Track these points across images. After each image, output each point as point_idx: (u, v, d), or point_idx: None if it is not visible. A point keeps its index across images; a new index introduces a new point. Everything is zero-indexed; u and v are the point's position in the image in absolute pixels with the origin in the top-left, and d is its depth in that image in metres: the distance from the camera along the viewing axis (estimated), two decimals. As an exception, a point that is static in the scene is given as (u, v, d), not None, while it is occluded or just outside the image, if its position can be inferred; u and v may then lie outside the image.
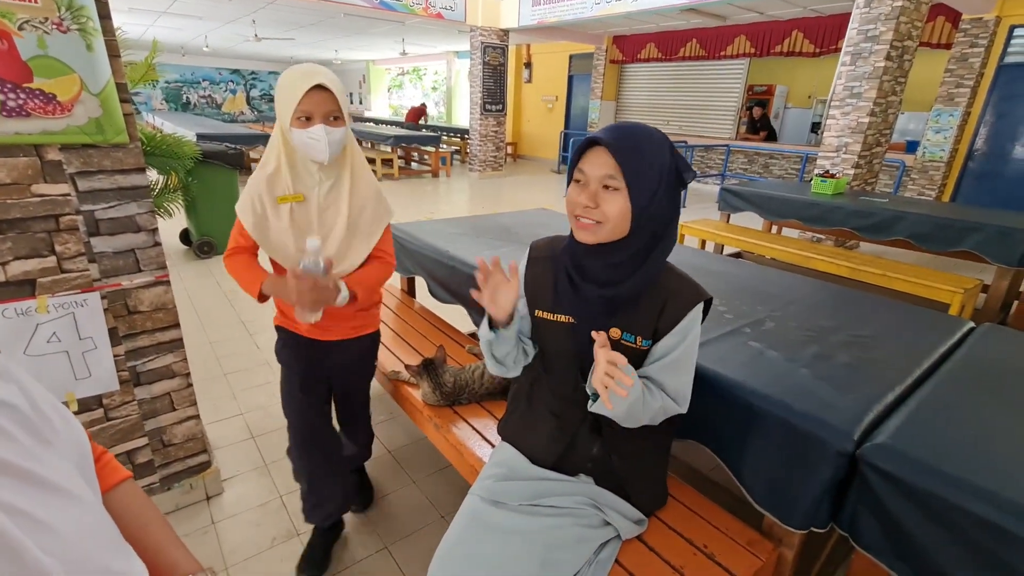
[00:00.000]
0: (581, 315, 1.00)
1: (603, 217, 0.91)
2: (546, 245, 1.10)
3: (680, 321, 0.97)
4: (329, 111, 1.18)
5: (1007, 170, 6.20)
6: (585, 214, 0.92)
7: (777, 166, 8.50)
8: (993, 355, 1.34)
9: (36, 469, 0.44)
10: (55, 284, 1.37)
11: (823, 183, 4.01)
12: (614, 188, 0.90)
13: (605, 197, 0.91)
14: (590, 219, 0.92)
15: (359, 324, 1.45)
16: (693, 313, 0.97)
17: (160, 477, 1.72)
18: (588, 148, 0.93)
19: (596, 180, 0.91)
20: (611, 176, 0.89)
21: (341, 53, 14.69)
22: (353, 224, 1.31)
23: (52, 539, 0.42)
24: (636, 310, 0.98)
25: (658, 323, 0.98)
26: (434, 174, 9.63)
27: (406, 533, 1.68)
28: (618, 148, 0.88)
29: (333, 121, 1.19)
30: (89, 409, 1.52)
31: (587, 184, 0.92)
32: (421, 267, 2.23)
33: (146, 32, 11.02)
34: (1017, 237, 2.89)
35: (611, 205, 0.90)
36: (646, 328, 0.98)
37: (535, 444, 1.12)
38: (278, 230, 1.28)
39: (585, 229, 0.93)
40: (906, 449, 0.94)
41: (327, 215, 1.29)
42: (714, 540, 1.11)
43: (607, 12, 7.23)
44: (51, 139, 1.29)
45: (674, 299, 0.97)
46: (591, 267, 0.98)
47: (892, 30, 4.49)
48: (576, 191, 0.94)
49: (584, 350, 1.00)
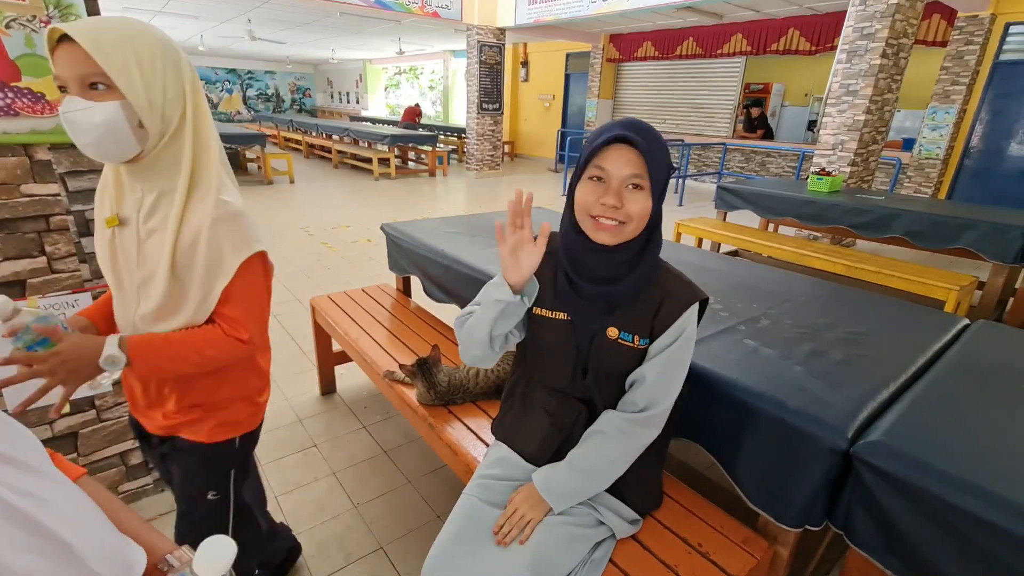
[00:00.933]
0: (579, 313, 1.00)
1: (627, 217, 0.88)
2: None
3: (676, 320, 0.96)
4: (83, 75, 0.78)
5: (1003, 167, 6.22)
6: (609, 214, 0.88)
7: (774, 164, 8.50)
8: (987, 352, 1.34)
9: (20, 456, 0.45)
10: (45, 285, 1.36)
11: (819, 181, 4.01)
12: (639, 187, 0.87)
13: (630, 197, 0.87)
14: (613, 219, 0.88)
15: (179, 422, 1.00)
16: (688, 313, 0.96)
17: (154, 479, 1.71)
18: (607, 145, 0.88)
19: (620, 180, 0.87)
20: (638, 175, 0.86)
21: (337, 52, 14.66)
22: (182, 266, 0.88)
23: (61, 516, 0.43)
24: (633, 309, 0.97)
25: (654, 322, 0.97)
26: (431, 173, 9.62)
27: (401, 533, 1.67)
28: (646, 146, 0.85)
29: (92, 90, 0.79)
30: (81, 411, 1.51)
31: (608, 182, 0.88)
32: (416, 266, 2.22)
33: (141, 32, 10.96)
34: (1012, 234, 2.89)
35: (636, 205, 0.87)
36: (643, 327, 0.97)
37: (529, 443, 1.12)
38: (102, 260, 0.96)
39: (606, 230, 0.89)
40: (900, 446, 0.94)
41: (147, 247, 0.89)
42: (709, 539, 1.11)
43: (603, 10, 7.22)
44: (40, 139, 1.28)
45: (671, 299, 0.96)
46: (592, 264, 0.95)
47: (888, 27, 4.49)
48: (595, 190, 0.89)
49: (582, 347, 1.00)
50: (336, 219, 5.99)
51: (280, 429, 2.16)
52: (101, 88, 0.79)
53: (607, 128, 0.89)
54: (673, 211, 7.12)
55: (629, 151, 0.86)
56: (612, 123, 0.90)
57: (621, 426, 0.98)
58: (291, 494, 1.82)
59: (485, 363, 1.06)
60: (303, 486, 1.86)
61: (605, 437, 1.00)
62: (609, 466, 1.00)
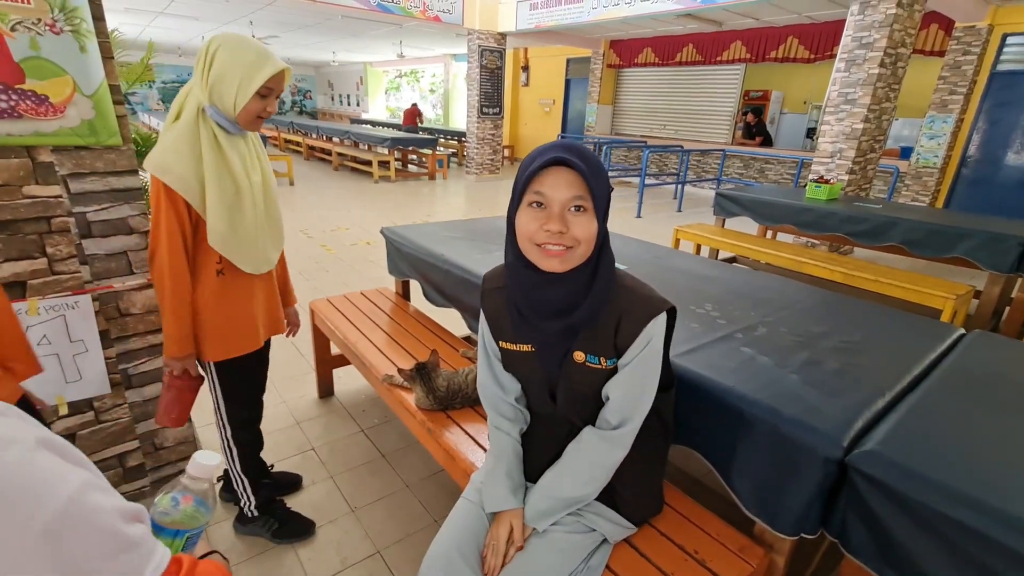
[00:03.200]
0: (542, 343, 0.98)
1: (574, 241, 0.85)
2: (497, 275, 1.05)
3: (637, 336, 0.93)
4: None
5: (999, 177, 6.26)
6: (554, 240, 0.85)
7: (773, 171, 8.54)
8: (983, 362, 1.35)
9: None
10: (46, 286, 1.36)
11: (817, 188, 4.04)
12: (583, 209, 0.85)
13: (575, 220, 0.85)
14: (560, 245, 0.85)
15: None
16: (651, 326, 0.92)
17: (151, 480, 1.71)
18: (544, 168, 0.85)
19: (561, 203, 0.84)
20: (580, 197, 0.84)
21: (339, 55, 14.70)
22: None
23: None
24: (594, 330, 0.94)
25: (616, 340, 0.94)
26: (431, 177, 9.63)
27: (398, 537, 1.67)
28: (585, 168, 0.83)
29: None
30: (80, 412, 1.51)
31: (549, 207, 0.85)
32: (416, 270, 2.22)
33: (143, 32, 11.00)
34: (1009, 244, 2.91)
35: (582, 228, 0.85)
36: (607, 348, 0.95)
37: (526, 453, 1.12)
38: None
39: (555, 257, 0.86)
40: (895, 456, 0.95)
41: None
42: (705, 546, 1.11)
43: (604, 17, 7.26)
44: (43, 140, 1.29)
45: (627, 316, 0.93)
46: (547, 299, 0.92)
47: (886, 37, 4.52)
48: (537, 216, 0.86)
49: (552, 374, 1.00)
50: (335, 221, 6.00)
51: (278, 432, 2.15)
52: None
53: (541, 151, 0.86)
54: (672, 217, 7.15)
55: (568, 173, 0.84)
56: (545, 146, 0.87)
57: (592, 441, 0.99)
58: (288, 497, 1.82)
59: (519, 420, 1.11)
60: (300, 489, 1.86)
61: (577, 454, 1.00)
62: (583, 483, 1.00)
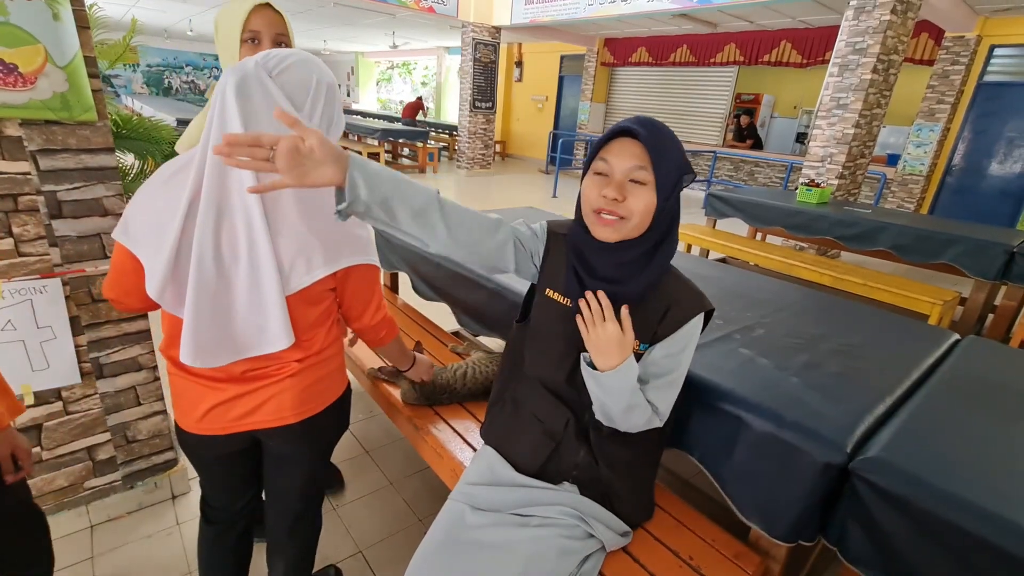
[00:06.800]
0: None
1: (628, 212, 0.86)
2: (563, 225, 1.03)
3: (680, 328, 0.93)
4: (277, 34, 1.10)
5: (982, 185, 6.36)
6: (610, 207, 0.86)
7: (762, 174, 8.59)
8: (980, 367, 1.34)
9: None
10: (11, 268, 1.29)
11: (808, 192, 4.05)
12: (641, 182, 0.86)
13: (632, 191, 0.86)
14: (614, 214, 0.87)
15: None
16: (694, 322, 0.94)
17: (123, 475, 1.64)
18: (613, 139, 0.87)
19: (623, 172, 0.86)
20: (641, 167, 0.85)
21: (330, 44, 14.47)
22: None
23: None
24: (638, 312, 0.93)
25: (658, 327, 0.94)
26: (421, 170, 9.53)
27: (381, 537, 1.62)
28: (650, 140, 0.84)
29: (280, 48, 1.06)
30: (47, 402, 1.44)
31: (611, 176, 0.87)
32: (406, 262, 2.17)
33: (127, 13, 10.69)
34: (995, 251, 2.93)
35: (638, 200, 0.86)
36: (646, 331, 0.94)
37: (519, 450, 1.08)
38: None
39: (608, 225, 0.88)
40: (899, 462, 0.92)
41: None
42: (700, 552, 1.08)
43: (600, 14, 7.22)
44: (11, 113, 1.21)
45: (677, 306, 0.93)
46: (597, 264, 0.93)
47: (879, 43, 4.55)
48: (597, 184, 0.88)
49: (576, 336, 0.95)
50: (323, 212, 5.89)
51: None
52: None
53: (617, 123, 0.88)
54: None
55: (633, 144, 0.86)
56: (623, 120, 0.89)
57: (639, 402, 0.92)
58: (267, 494, 1.76)
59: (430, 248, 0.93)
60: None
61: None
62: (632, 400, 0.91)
